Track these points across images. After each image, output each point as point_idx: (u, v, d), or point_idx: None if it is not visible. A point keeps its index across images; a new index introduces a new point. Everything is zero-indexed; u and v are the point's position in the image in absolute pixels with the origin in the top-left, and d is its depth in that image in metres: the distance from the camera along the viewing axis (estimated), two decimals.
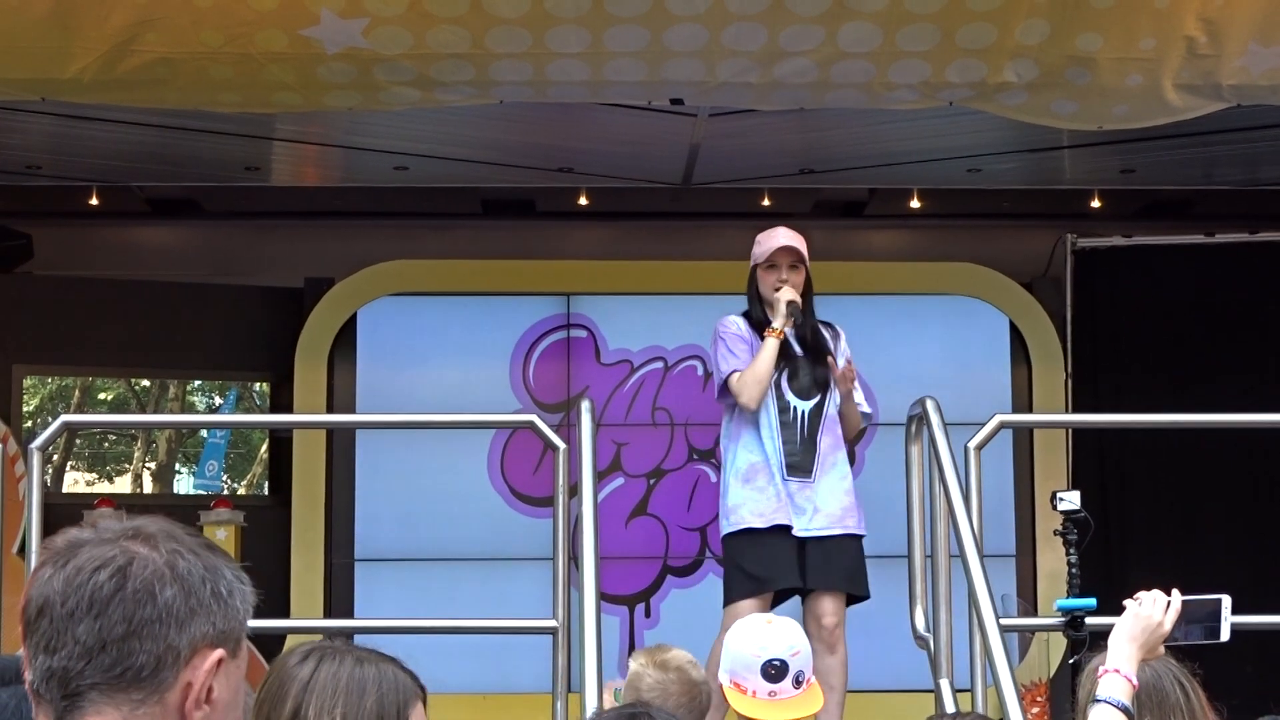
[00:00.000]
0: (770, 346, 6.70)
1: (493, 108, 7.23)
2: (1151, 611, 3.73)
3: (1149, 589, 3.80)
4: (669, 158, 9.00)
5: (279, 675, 2.91)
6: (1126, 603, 3.76)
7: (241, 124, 8.06)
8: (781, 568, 6.63)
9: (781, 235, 6.90)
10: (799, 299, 6.76)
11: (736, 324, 6.88)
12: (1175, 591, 3.78)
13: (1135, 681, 3.61)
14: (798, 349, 6.86)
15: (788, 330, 6.81)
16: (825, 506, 6.68)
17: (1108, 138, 8.09)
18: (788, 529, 6.66)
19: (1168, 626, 3.71)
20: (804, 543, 6.68)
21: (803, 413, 6.77)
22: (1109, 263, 9.99)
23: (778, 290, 6.79)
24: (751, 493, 6.72)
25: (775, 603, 6.65)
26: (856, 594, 6.78)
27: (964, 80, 6.68)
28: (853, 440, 7.00)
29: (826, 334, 6.97)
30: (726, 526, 6.77)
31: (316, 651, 2.92)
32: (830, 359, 6.81)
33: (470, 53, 6.49)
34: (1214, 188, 9.75)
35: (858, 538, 6.78)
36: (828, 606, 6.57)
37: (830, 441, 6.77)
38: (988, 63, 6.60)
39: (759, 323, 6.86)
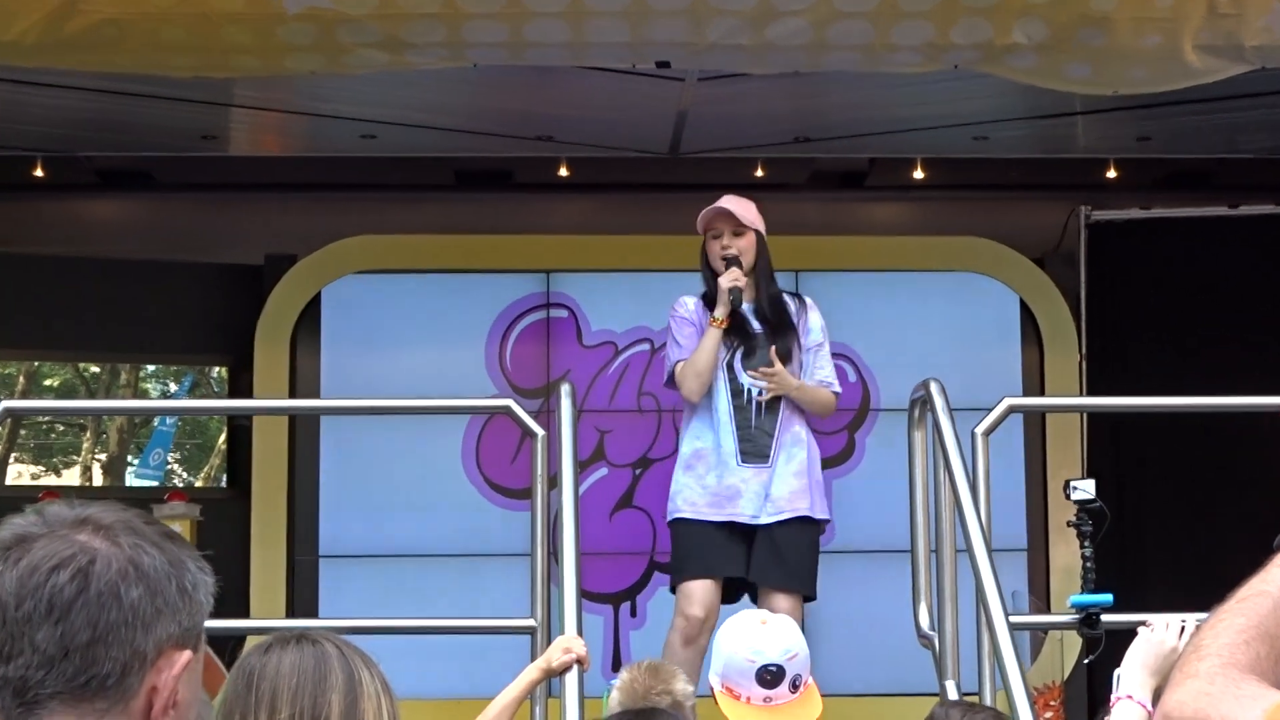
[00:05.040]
0: (710, 337, 6.76)
1: (466, 72, 7.22)
2: (1164, 636, 3.77)
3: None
4: (655, 125, 8.99)
5: (244, 671, 2.99)
6: (1139, 628, 3.81)
7: (196, 90, 8.04)
8: (717, 555, 6.69)
9: (721, 201, 6.93)
10: (741, 283, 6.76)
11: (687, 306, 6.93)
12: (1189, 616, 3.82)
13: (1150, 708, 3.65)
14: (756, 326, 6.84)
15: (747, 307, 6.82)
16: (776, 492, 6.69)
17: (1124, 103, 8.09)
18: (727, 522, 6.69)
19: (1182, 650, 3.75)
20: (754, 533, 6.69)
21: (759, 394, 6.77)
22: (1126, 237, 10.00)
23: (724, 256, 6.80)
24: (689, 480, 6.81)
25: (725, 598, 6.69)
26: (805, 592, 6.76)
27: (969, 42, 6.68)
28: (821, 416, 7.01)
29: (792, 305, 6.95)
30: (669, 513, 6.91)
31: (276, 642, 2.99)
32: (774, 351, 6.79)
33: (441, 12, 6.48)
34: (1238, 156, 9.76)
35: (811, 523, 6.76)
36: (781, 604, 6.49)
37: (789, 422, 6.77)
38: (994, 23, 6.60)
39: (713, 300, 6.90)
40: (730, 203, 6.92)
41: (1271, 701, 1.89)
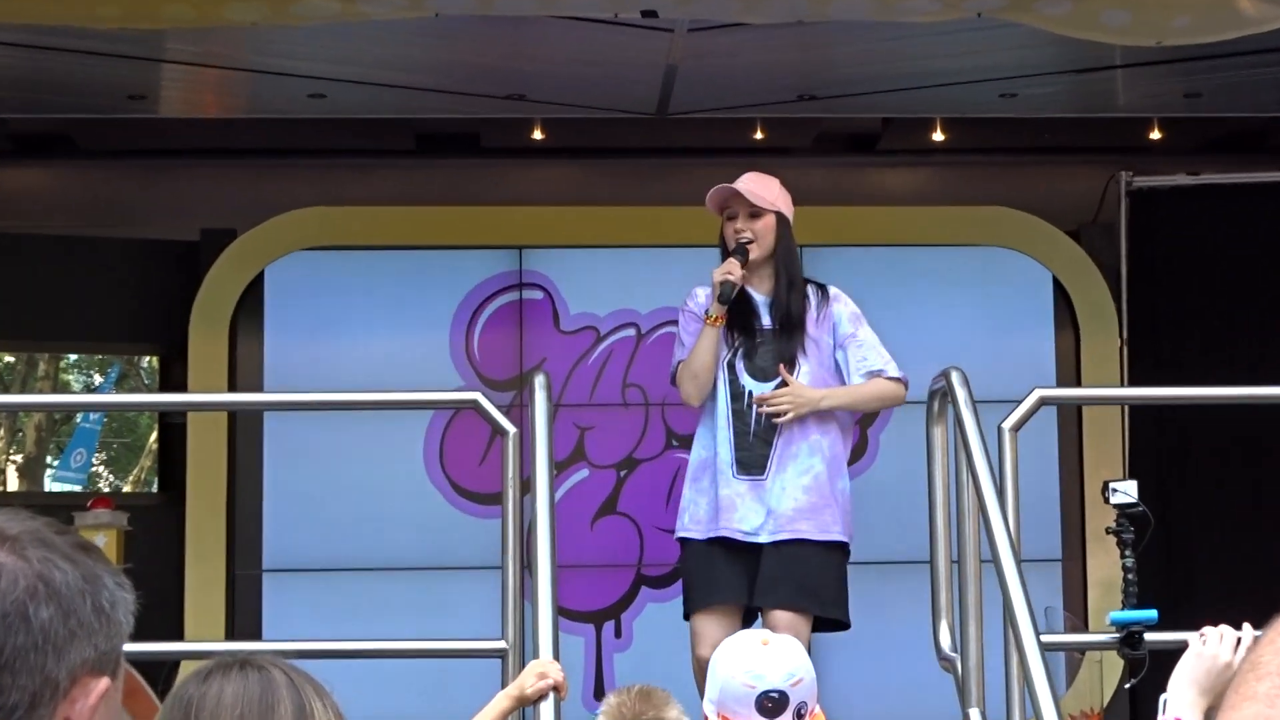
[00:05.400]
0: (707, 337, 6.75)
1: (427, 23, 7.23)
2: (1217, 650, 3.77)
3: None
4: (640, 82, 8.99)
5: (180, 702, 2.99)
6: (1189, 639, 3.81)
7: (123, 43, 8.03)
8: (723, 582, 6.71)
9: (740, 180, 6.89)
10: (734, 276, 6.73)
11: (697, 298, 6.90)
12: (1246, 626, 3.81)
13: None
14: (766, 321, 6.81)
15: (761, 299, 6.81)
16: (779, 507, 6.68)
17: (1168, 55, 8.10)
18: (730, 539, 6.70)
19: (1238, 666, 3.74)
20: (760, 551, 6.71)
21: (771, 415, 6.75)
22: (1171, 206, 10.02)
23: (738, 240, 6.80)
24: (693, 494, 6.84)
25: (746, 623, 6.70)
26: (821, 614, 6.75)
27: None
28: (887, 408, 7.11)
29: (813, 298, 6.92)
30: (676, 530, 6.95)
31: (217, 669, 3.00)
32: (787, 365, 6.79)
33: None
34: None
35: (825, 545, 6.74)
36: (781, 622, 6.48)
37: (797, 430, 6.74)
38: None
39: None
40: (743, 182, 6.86)
41: None
